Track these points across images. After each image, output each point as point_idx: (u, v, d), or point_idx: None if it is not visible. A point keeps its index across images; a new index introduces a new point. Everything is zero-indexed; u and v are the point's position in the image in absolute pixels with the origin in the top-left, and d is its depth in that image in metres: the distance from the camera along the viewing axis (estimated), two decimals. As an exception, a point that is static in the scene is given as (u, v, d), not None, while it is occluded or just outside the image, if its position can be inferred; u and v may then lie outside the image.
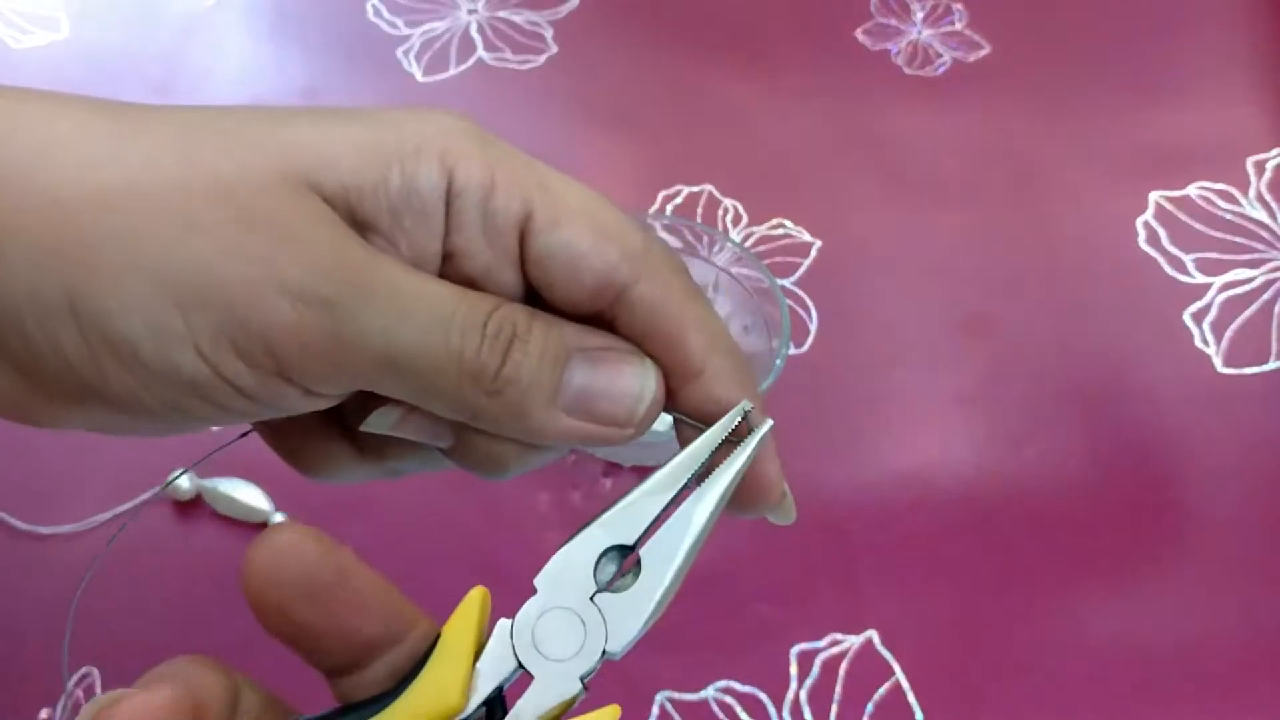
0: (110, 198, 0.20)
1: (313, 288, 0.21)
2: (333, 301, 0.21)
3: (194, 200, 0.21)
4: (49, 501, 0.45)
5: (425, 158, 0.22)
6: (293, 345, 0.21)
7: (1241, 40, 0.65)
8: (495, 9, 0.67)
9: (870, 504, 0.46)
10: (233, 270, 0.20)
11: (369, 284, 0.21)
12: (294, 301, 0.21)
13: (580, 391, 0.23)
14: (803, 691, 0.41)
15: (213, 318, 0.20)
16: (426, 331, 0.22)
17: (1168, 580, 0.44)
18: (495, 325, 0.22)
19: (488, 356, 0.22)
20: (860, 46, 0.65)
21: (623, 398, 0.23)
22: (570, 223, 0.23)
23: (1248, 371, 0.50)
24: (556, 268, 0.23)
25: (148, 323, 0.20)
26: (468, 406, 0.22)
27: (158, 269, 0.20)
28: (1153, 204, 0.56)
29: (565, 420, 0.23)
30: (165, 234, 0.20)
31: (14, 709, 0.41)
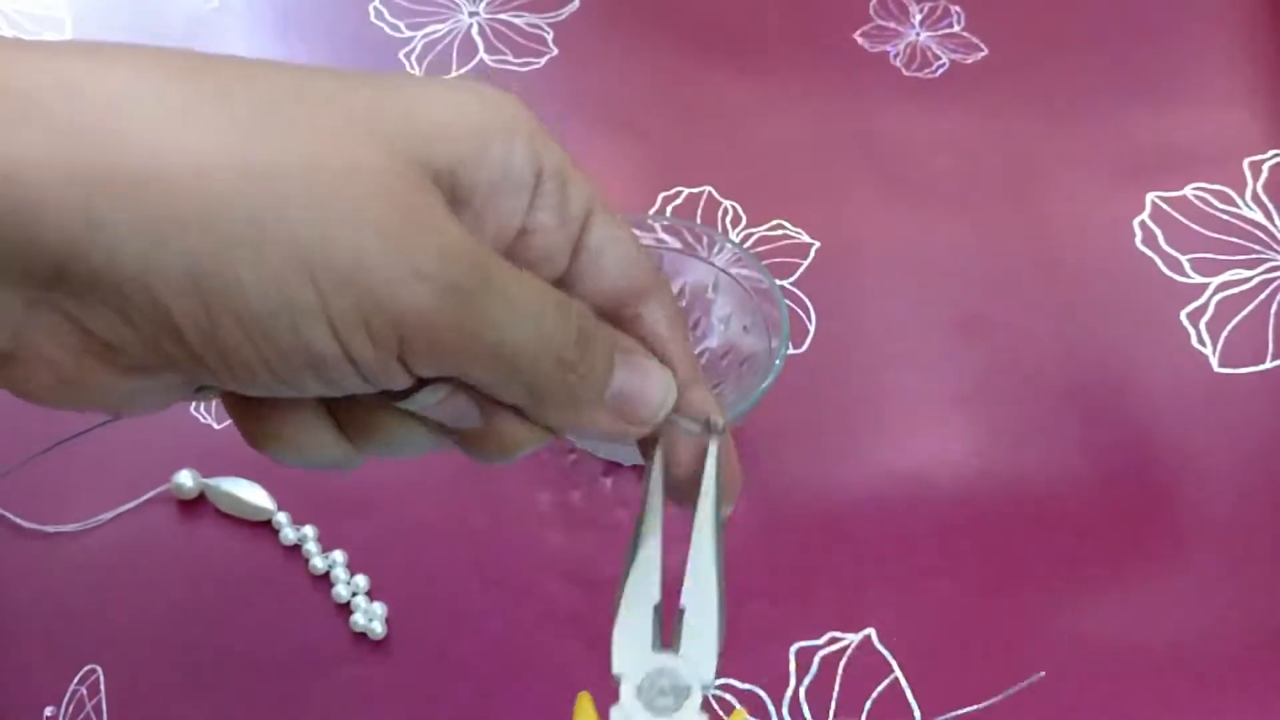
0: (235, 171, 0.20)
1: (449, 276, 0.21)
2: (465, 290, 0.21)
3: (332, 176, 0.20)
4: (52, 500, 0.46)
5: (519, 136, 0.23)
6: (423, 330, 0.21)
7: (1238, 42, 0.65)
8: (496, 11, 0.68)
9: (869, 503, 0.46)
10: (375, 252, 0.20)
11: (491, 274, 0.22)
12: (431, 288, 0.21)
13: (619, 391, 0.25)
14: (801, 689, 0.41)
15: (351, 297, 0.20)
16: (530, 322, 0.22)
17: (1166, 579, 0.45)
18: (577, 314, 0.24)
19: (576, 350, 0.23)
20: (859, 48, 0.65)
21: (651, 400, 0.26)
22: (619, 228, 0.25)
23: (1244, 371, 0.51)
24: (608, 261, 0.25)
25: (284, 298, 0.20)
26: (543, 395, 0.24)
27: (296, 245, 0.20)
28: (1149, 205, 0.57)
29: (604, 414, 0.25)
30: (303, 211, 0.20)
31: (18, 707, 0.41)
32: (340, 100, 0.21)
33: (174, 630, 0.43)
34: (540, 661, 0.42)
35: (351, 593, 0.43)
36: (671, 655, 0.25)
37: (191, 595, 0.44)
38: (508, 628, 0.43)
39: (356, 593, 0.43)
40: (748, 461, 0.48)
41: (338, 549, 0.44)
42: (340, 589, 0.43)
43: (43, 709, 0.41)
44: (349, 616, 0.43)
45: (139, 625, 0.43)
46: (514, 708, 0.41)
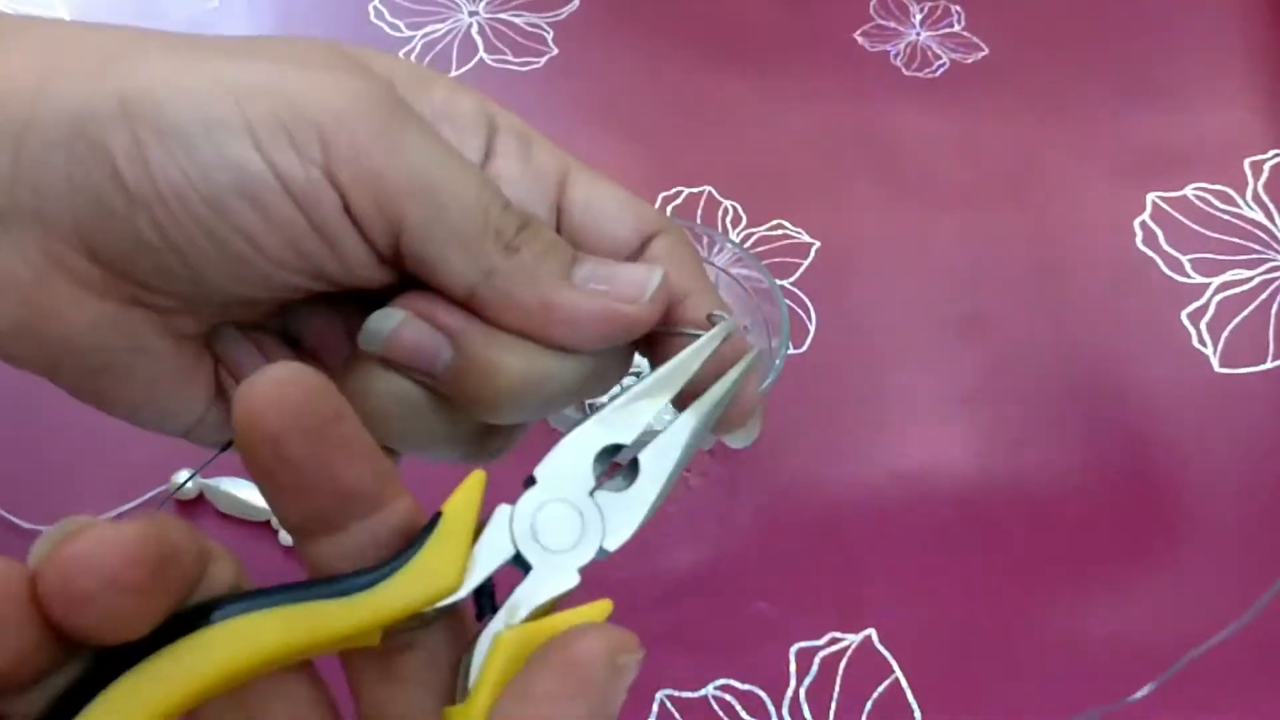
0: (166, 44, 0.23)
1: (367, 90, 0.22)
2: (390, 109, 0.22)
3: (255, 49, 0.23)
4: (52, 500, 0.46)
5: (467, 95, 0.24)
6: (344, 137, 0.21)
7: (1239, 42, 0.65)
8: (496, 11, 0.68)
9: (869, 503, 0.46)
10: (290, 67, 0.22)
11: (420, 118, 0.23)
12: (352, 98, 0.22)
13: (591, 274, 0.24)
14: (802, 690, 0.41)
15: (268, 105, 0.21)
16: (457, 171, 0.23)
17: (1166, 579, 0.45)
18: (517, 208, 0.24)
19: (509, 219, 0.23)
20: (859, 48, 0.65)
21: (632, 279, 0.24)
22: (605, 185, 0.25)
23: (1245, 371, 0.51)
24: (597, 213, 0.25)
25: (202, 112, 0.21)
26: (486, 260, 0.23)
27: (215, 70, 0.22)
28: (1150, 205, 0.57)
29: (579, 293, 0.23)
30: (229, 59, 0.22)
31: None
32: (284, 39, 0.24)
33: (173, 631, 0.43)
34: (540, 662, 0.42)
35: (351, 593, 0.43)
36: (595, 505, 0.22)
37: (191, 595, 0.44)
38: (507, 628, 0.43)
39: (356, 593, 0.43)
40: (748, 461, 0.48)
41: (337, 549, 0.44)
42: (340, 589, 0.43)
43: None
44: (348, 617, 0.43)
45: (138, 626, 0.43)
46: (514, 708, 0.41)
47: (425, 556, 0.20)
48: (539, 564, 0.21)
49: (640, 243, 0.25)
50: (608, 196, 0.25)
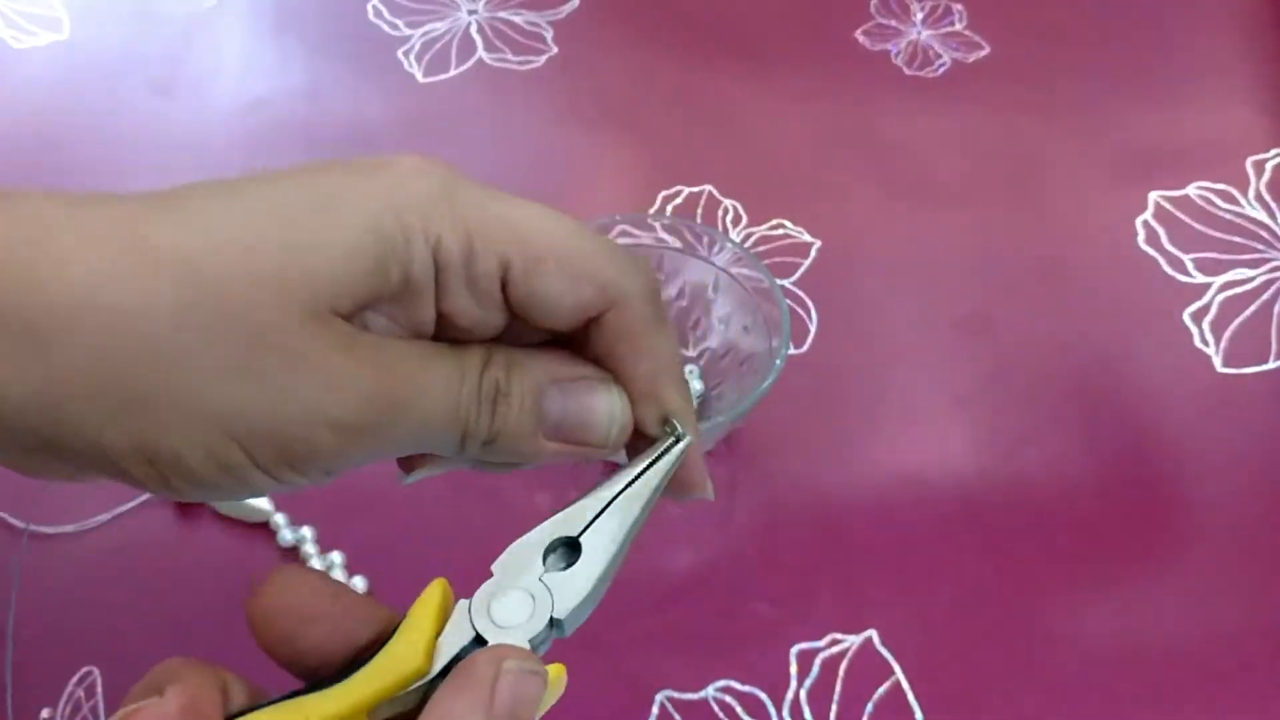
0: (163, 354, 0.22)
1: (356, 420, 0.23)
2: (375, 425, 0.24)
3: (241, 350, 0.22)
4: (52, 500, 0.46)
5: (414, 244, 0.24)
6: (340, 460, 0.24)
7: (1240, 41, 0.65)
8: (495, 10, 0.68)
9: (870, 503, 0.46)
10: (286, 413, 0.23)
11: (399, 396, 0.24)
12: (336, 437, 0.23)
13: (559, 422, 0.26)
14: (803, 691, 0.41)
15: (270, 449, 0.23)
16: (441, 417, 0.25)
17: (1167, 579, 0.44)
18: (485, 389, 0.25)
19: (483, 419, 0.25)
20: (860, 47, 0.65)
21: (596, 424, 0.27)
22: (544, 269, 0.25)
23: (1247, 371, 0.51)
24: (535, 308, 0.25)
25: (213, 458, 0.23)
26: (471, 457, 0.26)
27: (219, 417, 0.23)
28: (1152, 204, 0.57)
29: (550, 445, 0.27)
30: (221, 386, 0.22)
31: (15, 709, 0.41)
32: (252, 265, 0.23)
33: (172, 632, 0.43)
34: (539, 663, 0.42)
35: (350, 594, 0.43)
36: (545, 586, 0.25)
37: (189, 597, 0.44)
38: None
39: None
40: (748, 461, 0.48)
41: (336, 550, 0.44)
42: (339, 590, 0.43)
43: (40, 710, 0.41)
44: (347, 618, 0.43)
45: (137, 627, 0.43)
46: (513, 710, 0.41)
47: (394, 647, 0.24)
48: (494, 639, 0.25)
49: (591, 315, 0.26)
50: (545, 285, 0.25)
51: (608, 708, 0.41)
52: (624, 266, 0.26)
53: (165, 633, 0.43)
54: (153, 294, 0.22)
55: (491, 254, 0.25)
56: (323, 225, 0.24)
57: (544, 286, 0.25)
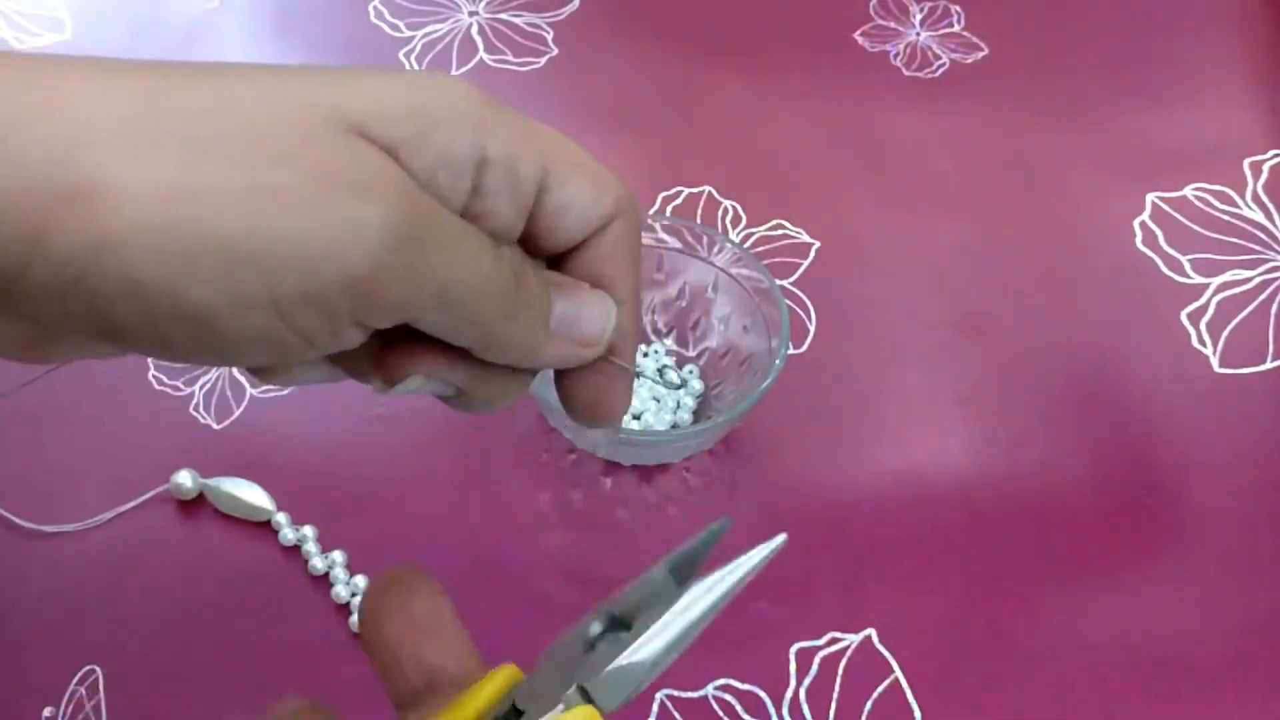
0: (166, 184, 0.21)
1: (394, 232, 0.22)
2: (411, 241, 0.22)
3: (262, 170, 0.21)
4: (52, 500, 0.46)
5: (462, 126, 0.24)
6: (372, 289, 0.22)
7: (1238, 43, 0.65)
8: (496, 11, 0.68)
9: (869, 503, 0.46)
10: (314, 231, 0.21)
11: (434, 224, 0.23)
12: (375, 249, 0.22)
13: (562, 317, 0.27)
14: (802, 690, 0.41)
15: (295, 279, 0.21)
16: (474, 268, 0.24)
17: (1165, 579, 0.45)
18: (508, 258, 0.25)
19: (511, 284, 0.25)
20: (859, 48, 0.65)
21: (593, 320, 0.28)
22: (579, 176, 0.27)
23: (1244, 371, 0.51)
24: (564, 214, 0.27)
25: (227, 294, 0.21)
26: (493, 334, 0.25)
27: (234, 243, 0.21)
28: (1150, 205, 0.57)
29: (554, 342, 0.27)
30: (238, 210, 0.21)
31: (17, 707, 0.41)
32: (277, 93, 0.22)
33: (173, 630, 0.43)
34: (540, 662, 0.42)
35: (351, 593, 0.43)
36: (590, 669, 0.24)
37: (191, 596, 0.44)
38: (507, 628, 0.43)
39: (356, 593, 0.43)
40: (748, 461, 0.48)
41: (337, 549, 0.44)
42: (340, 589, 0.43)
43: (41, 709, 0.41)
44: (348, 617, 0.43)
45: (138, 626, 0.43)
46: (514, 708, 0.41)
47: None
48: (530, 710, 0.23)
49: (602, 225, 0.28)
50: (575, 194, 0.27)
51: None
52: (625, 184, 0.28)
53: (166, 631, 0.43)
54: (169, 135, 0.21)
55: (534, 161, 0.26)
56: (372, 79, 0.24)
57: (577, 193, 0.27)
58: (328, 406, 0.49)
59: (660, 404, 0.48)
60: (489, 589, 0.44)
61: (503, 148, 0.25)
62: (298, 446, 0.48)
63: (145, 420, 0.48)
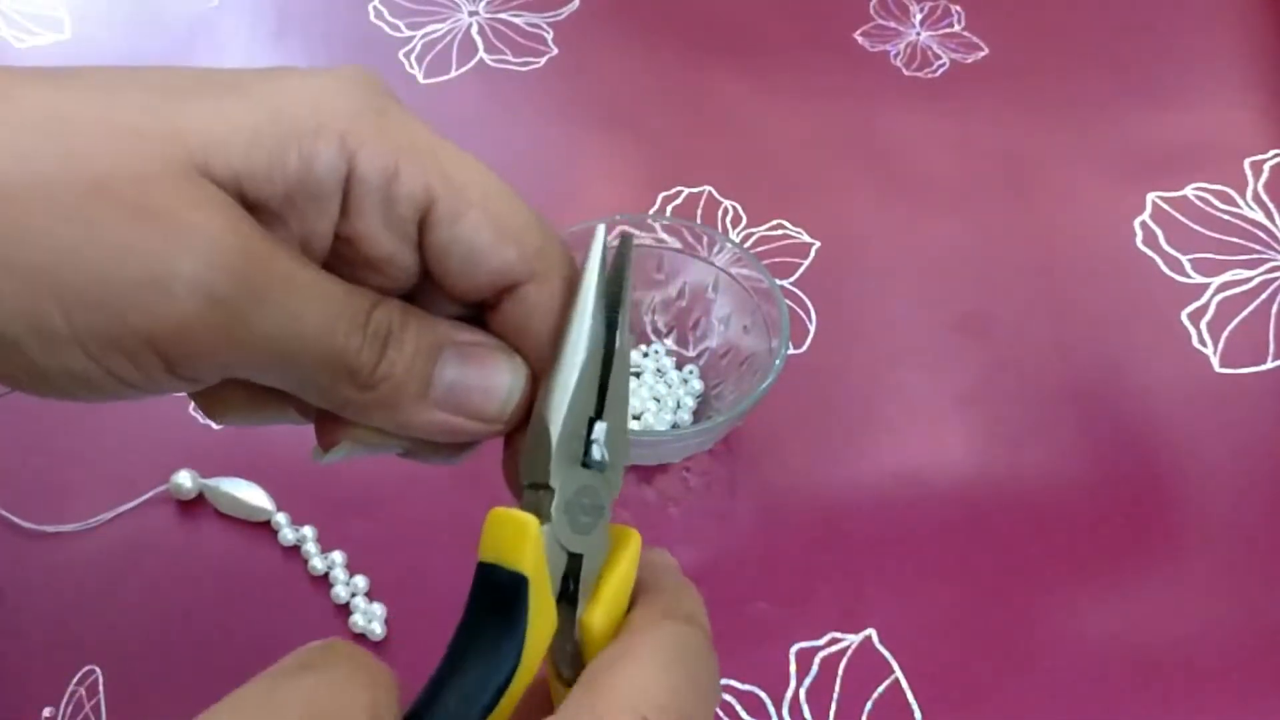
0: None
1: (207, 286, 0.20)
2: (228, 300, 0.20)
3: (75, 196, 0.20)
4: (52, 501, 0.46)
5: (325, 140, 0.22)
6: (183, 346, 0.20)
7: (1238, 42, 0.65)
8: (496, 11, 0.68)
9: (869, 503, 0.46)
10: (120, 270, 0.20)
11: (265, 281, 0.21)
12: (186, 302, 0.20)
13: (451, 386, 0.24)
14: (802, 690, 0.41)
15: (99, 320, 0.20)
16: (314, 330, 0.22)
17: (1165, 579, 0.45)
18: (374, 324, 0.23)
19: (366, 355, 0.22)
20: (859, 48, 0.65)
21: (493, 393, 0.24)
22: (471, 218, 0.23)
23: (1245, 371, 0.51)
24: (453, 261, 0.23)
25: (31, 325, 0.20)
26: (340, 399, 0.23)
27: (37, 269, 0.19)
28: (1150, 205, 0.57)
29: (436, 414, 0.24)
30: (46, 233, 0.19)
31: (17, 707, 0.41)
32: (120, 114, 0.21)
33: (173, 631, 0.43)
34: (540, 662, 0.42)
35: (351, 593, 0.43)
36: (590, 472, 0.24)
37: (191, 596, 0.44)
38: (507, 628, 0.43)
39: (356, 593, 0.43)
40: (748, 461, 0.48)
41: (337, 549, 0.44)
42: (339, 589, 0.43)
43: (41, 710, 0.41)
44: (348, 617, 0.43)
45: (138, 626, 0.43)
46: (513, 708, 0.41)
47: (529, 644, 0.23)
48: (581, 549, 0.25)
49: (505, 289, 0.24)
50: (468, 234, 0.23)
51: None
52: (553, 242, 0.24)
53: (166, 631, 0.43)
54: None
55: (418, 182, 0.22)
56: (217, 97, 0.21)
57: (468, 235, 0.23)
58: (327, 406, 0.49)
59: (660, 404, 0.48)
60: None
61: (376, 161, 0.22)
62: (298, 446, 0.48)
63: (145, 420, 0.48)
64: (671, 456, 0.46)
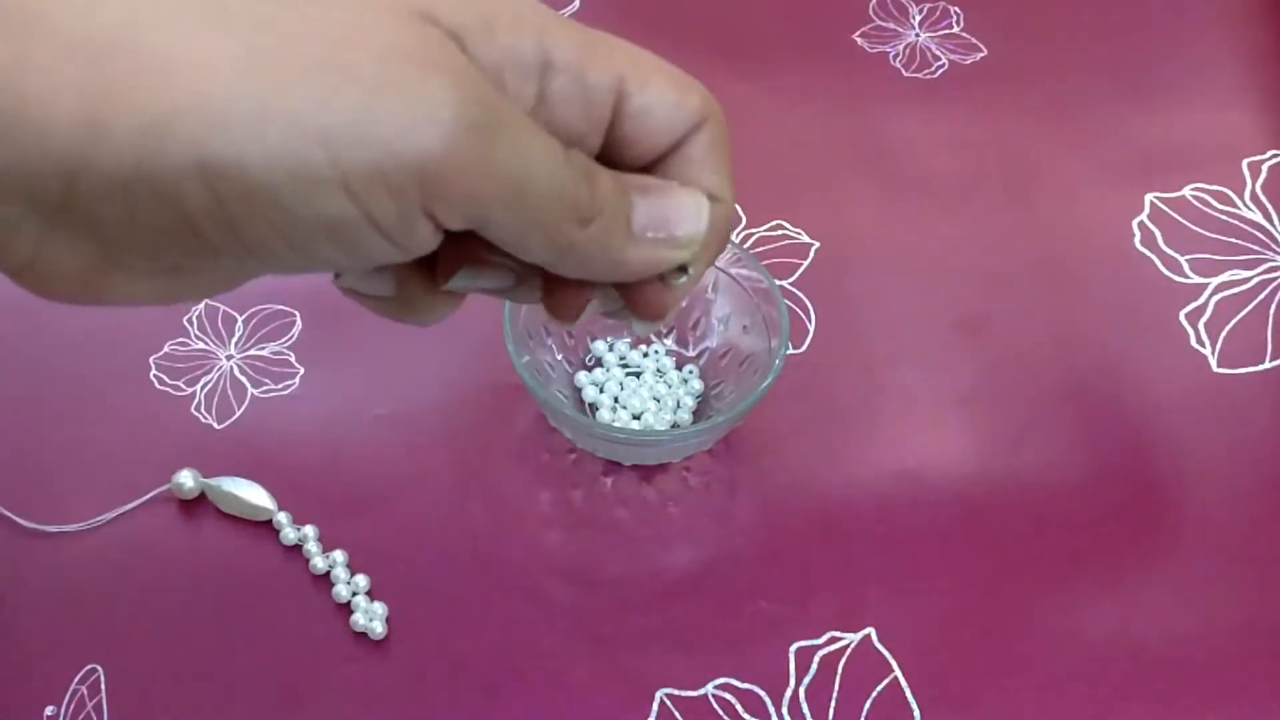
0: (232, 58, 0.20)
1: (467, 114, 0.21)
2: (484, 127, 0.21)
3: (332, 47, 0.21)
4: (54, 500, 0.46)
5: (527, 29, 0.24)
6: (444, 174, 0.21)
7: (1237, 42, 0.65)
8: (496, 12, 0.68)
9: (868, 503, 0.46)
10: (385, 105, 0.20)
11: (505, 117, 0.22)
12: (450, 129, 0.21)
13: (650, 218, 0.26)
14: (801, 689, 0.42)
15: (366, 155, 0.20)
16: (542, 164, 0.23)
17: (1163, 578, 0.45)
18: (579, 163, 0.24)
19: (584, 189, 0.24)
20: (859, 49, 0.65)
21: (685, 218, 0.26)
22: (656, 81, 0.25)
23: (1243, 372, 0.51)
24: (651, 118, 0.25)
25: (293, 170, 0.20)
26: (564, 240, 0.24)
27: (303, 116, 0.20)
28: (1148, 205, 0.57)
29: (642, 247, 0.26)
30: (306, 81, 0.20)
31: (20, 706, 0.41)
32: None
33: (174, 630, 0.43)
34: (540, 661, 0.42)
35: (352, 593, 0.43)
36: None
37: (192, 595, 0.44)
38: (508, 627, 0.43)
39: (357, 593, 0.43)
40: (748, 461, 0.48)
41: (338, 549, 0.44)
42: (340, 589, 0.43)
43: (44, 708, 0.41)
44: (349, 616, 0.43)
45: (140, 625, 0.43)
46: (514, 708, 0.41)
47: None
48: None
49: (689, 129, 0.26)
50: (656, 99, 0.25)
51: (608, 705, 0.41)
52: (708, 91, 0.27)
53: (168, 630, 0.43)
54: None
55: (606, 69, 0.25)
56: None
57: (659, 96, 0.25)
58: (329, 406, 0.49)
59: (660, 404, 0.48)
60: (489, 589, 0.44)
61: (569, 54, 0.24)
62: (299, 446, 0.48)
63: (146, 420, 0.49)
64: (671, 456, 0.46)
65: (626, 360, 0.49)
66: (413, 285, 0.26)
